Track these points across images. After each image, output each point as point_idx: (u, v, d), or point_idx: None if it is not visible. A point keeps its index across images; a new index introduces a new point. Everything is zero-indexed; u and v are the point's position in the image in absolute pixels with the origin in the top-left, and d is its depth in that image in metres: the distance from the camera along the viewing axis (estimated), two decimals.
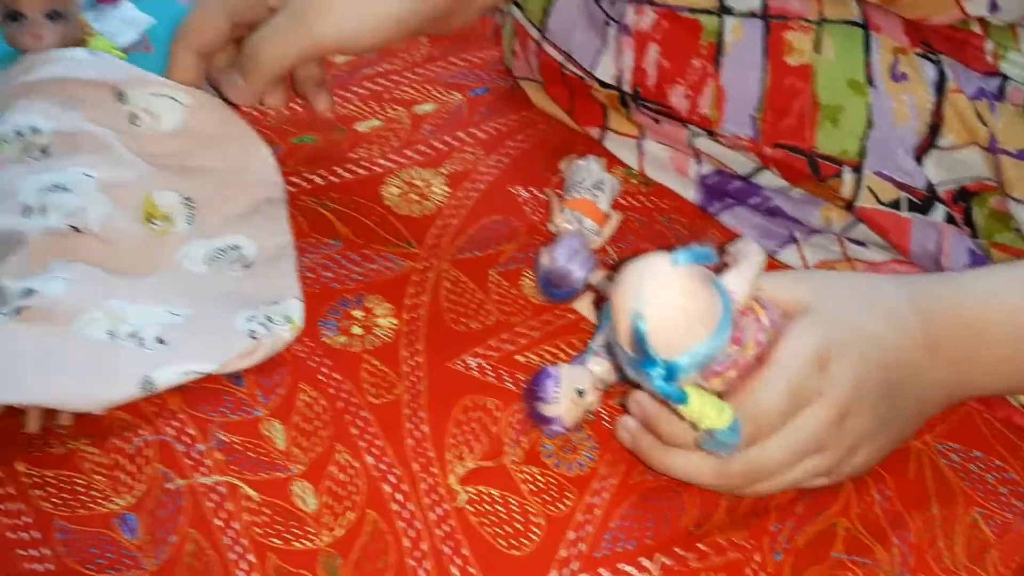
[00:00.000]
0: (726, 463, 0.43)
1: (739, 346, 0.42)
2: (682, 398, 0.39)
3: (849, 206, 0.54)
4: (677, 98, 0.53)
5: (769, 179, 0.56)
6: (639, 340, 0.37)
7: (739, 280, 0.41)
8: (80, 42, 0.53)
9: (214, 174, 0.53)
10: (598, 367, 0.47)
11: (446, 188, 0.58)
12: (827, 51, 0.51)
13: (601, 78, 0.55)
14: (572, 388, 0.46)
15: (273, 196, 0.54)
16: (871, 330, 0.45)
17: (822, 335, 0.43)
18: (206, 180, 0.53)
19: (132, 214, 0.50)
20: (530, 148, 0.61)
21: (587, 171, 0.55)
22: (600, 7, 0.55)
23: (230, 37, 0.52)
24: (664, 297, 0.37)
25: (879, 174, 0.52)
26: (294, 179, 0.57)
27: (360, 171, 0.58)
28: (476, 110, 0.62)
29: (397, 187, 0.58)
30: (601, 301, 0.50)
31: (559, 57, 0.57)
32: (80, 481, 0.44)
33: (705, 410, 0.40)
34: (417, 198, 0.57)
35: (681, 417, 0.41)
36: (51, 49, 0.52)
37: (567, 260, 0.51)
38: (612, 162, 0.60)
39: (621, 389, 0.47)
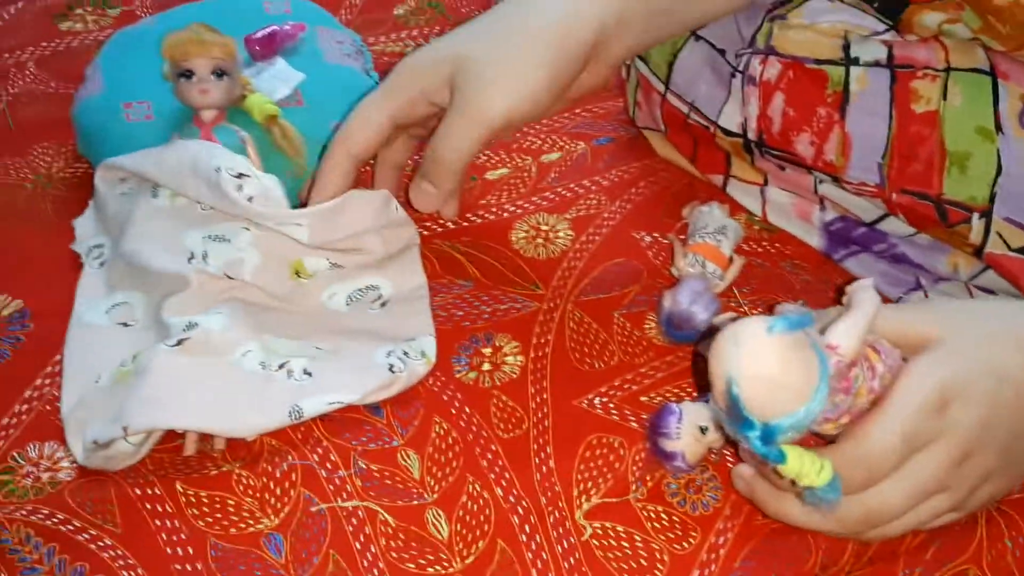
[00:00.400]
0: (844, 510, 0.42)
1: (848, 395, 0.41)
2: (780, 458, 0.39)
3: (978, 252, 0.53)
4: (803, 145, 0.54)
5: (894, 225, 0.56)
6: (734, 405, 0.37)
7: (848, 332, 0.41)
8: (241, 98, 0.57)
9: (355, 236, 0.56)
10: None
11: (570, 232, 0.60)
12: (954, 98, 0.51)
13: (725, 127, 0.56)
14: (694, 424, 0.47)
15: (408, 243, 0.57)
16: (998, 360, 0.43)
17: (942, 376, 0.42)
18: (349, 241, 0.55)
19: (282, 270, 0.53)
20: (652, 194, 0.62)
21: (710, 216, 0.57)
22: (725, 60, 0.56)
23: (392, 136, 0.54)
24: (756, 367, 0.36)
25: (1009, 220, 0.52)
26: (428, 223, 0.60)
27: (489, 216, 0.61)
28: (599, 158, 0.64)
29: (524, 231, 0.60)
30: None
31: (683, 107, 0.59)
32: (232, 502, 0.47)
33: (804, 469, 0.39)
34: (543, 242, 0.59)
35: (781, 476, 0.41)
36: (211, 111, 0.55)
37: (690, 303, 0.52)
38: (735, 208, 0.61)
39: None
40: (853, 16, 0.53)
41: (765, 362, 0.36)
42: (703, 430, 0.47)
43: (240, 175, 0.53)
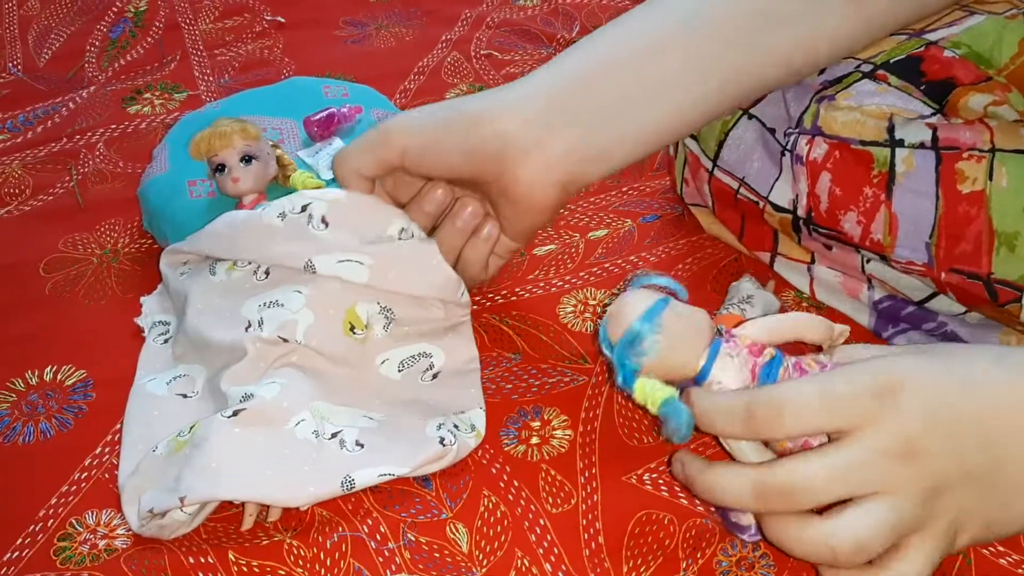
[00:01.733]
0: (762, 473, 0.39)
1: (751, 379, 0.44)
2: (628, 381, 0.44)
3: None
4: (850, 224, 0.54)
5: (944, 304, 0.56)
6: (601, 342, 0.45)
7: (755, 323, 0.46)
8: (284, 178, 0.59)
9: (408, 295, 0.57)
10: None
11: None
12: (1000, 179, 0.51)
13: (776, 202, 0.57)
14: None
15: (461, 315, 0.58)
16: (970, 370, 0.38)
17: (890, 366, 0.38)
18: (401, 298, 0.57)
19: (335, 326, 0.54)
20: (699, 270, 0.63)
21: (736, 289, 0.57)
22: (775, 139, 0.57)
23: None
24: (619, 300, 0.45)
25: None
26: (477, 297, 0.61)
27: (537, 291, 0.62)
28: (646, 235, 0.65)
29: (572, 306, 0.61)
30: None
31: (733, 184, 0.60)
32: (283, 572, 0.47)
33: (646, 389, 0.43)
34: (591, 316, 0.60)
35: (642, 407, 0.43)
36: (250, 195, 0.57)
37: None
38: (782, 285, 0.61)
39: None
40: (900, 99, 0.54)
41: (624, 298, 0.45)
42: None
43: (303, 208, 0.55)
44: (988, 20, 0.55)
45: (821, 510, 0.41)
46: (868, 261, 0.57)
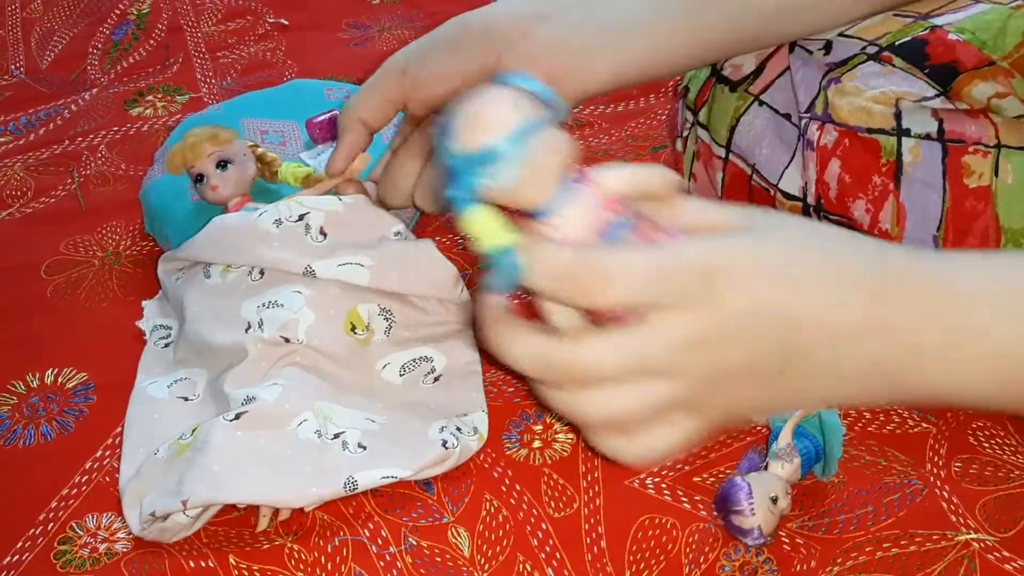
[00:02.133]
0: (550, 345, 0.35)
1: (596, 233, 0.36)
2: (464, 202, 0.35)
3: None
4: (859, 212, 0.54)
5: None
6: (444, 133, 0.35)
7: (615, 172, 0.37)
8: (272, 174, 0.59)
9: (408, 298, 0.57)
10: (782, 470, 0.48)
11: None
12: (1005, 175, 0.51)
13: (786, 190, 0.57)
14: (765, 496, 0.46)
15: (460, 320, 0.58)
16: (804, 279, 0.36)
17: (725, 254, 0.35)
18: (401, 301, 0.57)
19: (336, 325, 0.54)
20: None
21: None
22: (792, 123, 0.57)
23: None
24: (480, 98, 0.35)
25: None
26: None
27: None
28: None
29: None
30: None
31: (747, 168, 0.59)
32: None
33: (486, 228, 0.35)
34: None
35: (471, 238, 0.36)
36: (233, 199, 0.57)
37: None
38: None
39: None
40: (905, 81, 0.53)
41: (482, 98, 0.35)
42: (774, 500, 0.47)
43: (300, 216, 0.55)
44: (993, 9, 0.55)
45: None
46: None
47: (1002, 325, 0.37)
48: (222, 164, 0.57)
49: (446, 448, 0.50)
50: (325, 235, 0.55)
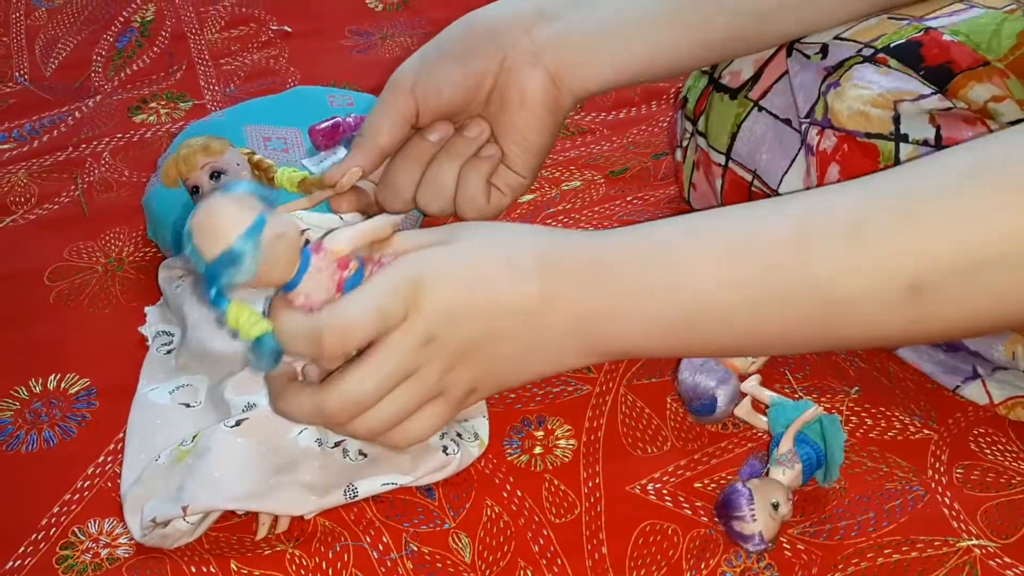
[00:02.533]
0: (320, 397, 0.44)
1: (317, 282, 0.44)
2: (219, 303, 0.42)
3: None
4: None
5: None
6: (192, 256, 0.42)
7: (342, 233, 0.46)
8: (269, 181, 0.58)
9: None
10: (784, 476, 0.48)
11: None
12: None
13: (786, 194, 0.57)
14: (766, 502, 0.47)
15: None
16: (483, 272, 0.45)
17: (419, 266, 0.45)
18: None
19: None
20: None
21: None
22: (793, 128, 0.57)
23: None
24: (200, 214, 0.42)
25: None
26: None
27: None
28: None
29: None
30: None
31: (746, 176, 0.60)
32: None
33: (243, 320, 0.43)
34: None
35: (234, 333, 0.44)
36: None
37: (693, 374, 0.52)
38: None
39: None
40: (900, 80, 0.54)
41: (205, 210, 0.42)
42: (775, 506, 0.47)
43: (300, 232, 0.54)
44: (987, 13, 0.55)
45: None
46: None
47: (656, 291, 0.45)
48: (215, 175, 0.57)
49: (447, 454, 0.50)
50: None
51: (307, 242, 0.45)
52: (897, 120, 0.53)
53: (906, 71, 0.54)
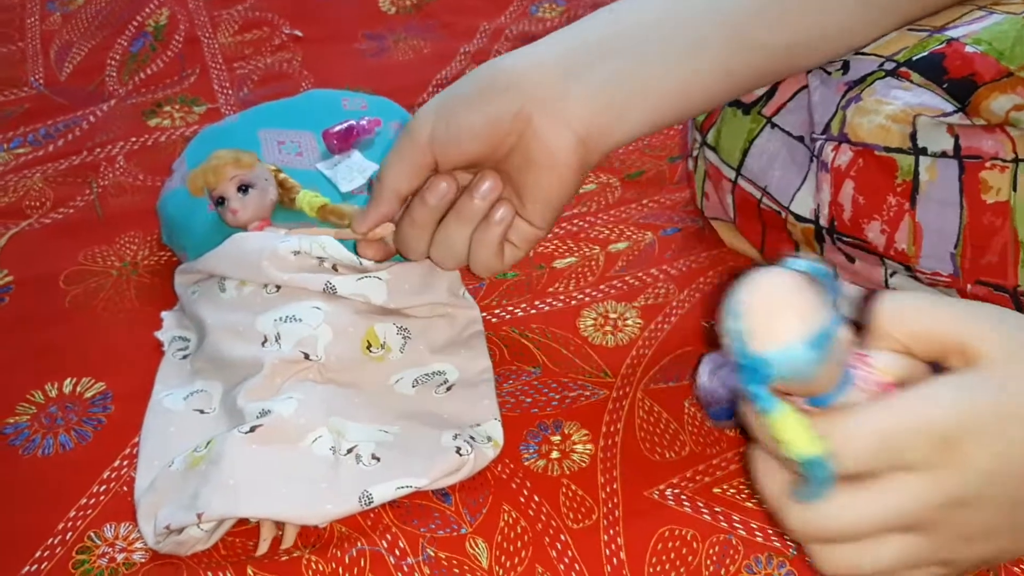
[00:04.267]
0: (818, 523, 0.36)
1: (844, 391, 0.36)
2: (767, 405, 0.35)
3: None
4: (873, 233, 0.54)
5: None
6: (733, 333, 0.34)
7: (895, 359, 0.37)
8: (291, 200, 0.59)
9: (426, 315, 0.57)
10: None
11: (639, 321, 0.60)
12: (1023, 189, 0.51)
13: (798, 212, 0.57)
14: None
15: (473, 328, 0.58)
16: None
17: (970, 403, 0.35)
18: (420, 320, 0.57)
19: (353, 344, 0.54)
20: (722, 283, 0.62)
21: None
22: (804, 145, 0.57)
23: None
24: (760, 293, 0.34)
25: None
26: (497, 310, 0.61)
27: (557, 304, 0.61)
28: (667, 248, 0.65)
29: (592, 319, 0.60)
30: None
31: (756, 193, 0.59)
32: None
33: (791, 431, 0.35)
34: (611, 329, 0.59)
35: (771, 440, 0.36)
36: (252, 223, 0.57)
37: (710, 375, 0.51)
38: None
39: None
40: (925, 95, 0.53)
41: (769, 289, 0.34)
42: None
43: (319, 260, 0.55)
44: (1008, 19, 0.54)
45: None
46: (892, 275, 0.56)
47: None
48: (243, 188, 0.57)
49: (460, 455, 0.50)
50: (337, 270, 0.55)
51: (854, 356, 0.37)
52: (914, 135, 0.52)
53: (929, 86, 0.53)
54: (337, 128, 0.65)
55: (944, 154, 0.52)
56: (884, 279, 0.57)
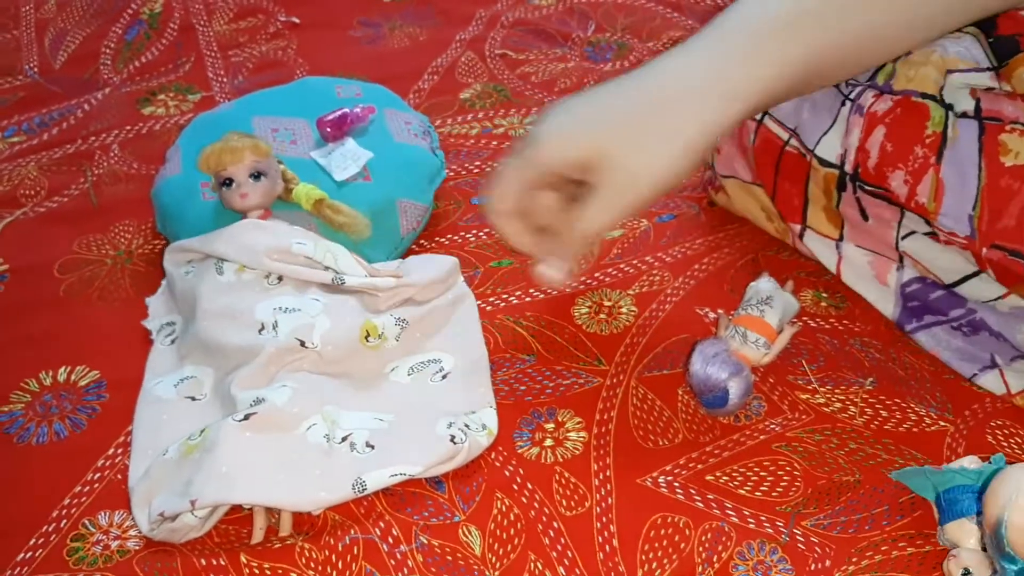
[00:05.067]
0: None
1: None
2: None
3: None
4: (897, 182, 0.53)
5: (975, 290, 0.54)
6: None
7: None
8: (287, 191, 0.59)
9: (422, 302, 0.57)
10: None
11: (634, 308, 0.60)
12: None
13: (822, 156, 0.56)
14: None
15: (468, 315, 0.58)
16: None
17: None
18: (415, 308, 0.57)
19: (351, 334, 0.54)
20: (716, 271, 0.62)
21: (755, 290, 0.56)
22: (837, 89, 0.56)
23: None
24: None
25: None
26: (492, 299, 0.61)
27: (552, 291, 0.61)
28: (662, 235, 0.65)
29: (587, 307, 0.60)
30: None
31: (783, 134, 0.59)
32: (295, 574, 0.47)
33: None
34: (606, 317, 0.59)
35: None
36: (256, 211, 0.57)
37: (704, 365, 0.52)
38: (801, 284, 0.60)
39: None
40: (967, 43, 0.53)
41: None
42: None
43: (337, 284, 0.56)
44: None
45: None
46: (904, 237, 0.56)
47: None
48: (256, 175, 0.57)
49: (454, 444, 0.50)
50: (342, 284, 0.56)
51: None
52: (942, 89, 0.52)
53: (977, 35, 0.53)
54: (331, 116, 0.65)
55: (965, 115, 0.52)
56: (895, 241, 0.56)
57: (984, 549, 0.45)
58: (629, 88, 0.52)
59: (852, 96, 0.55)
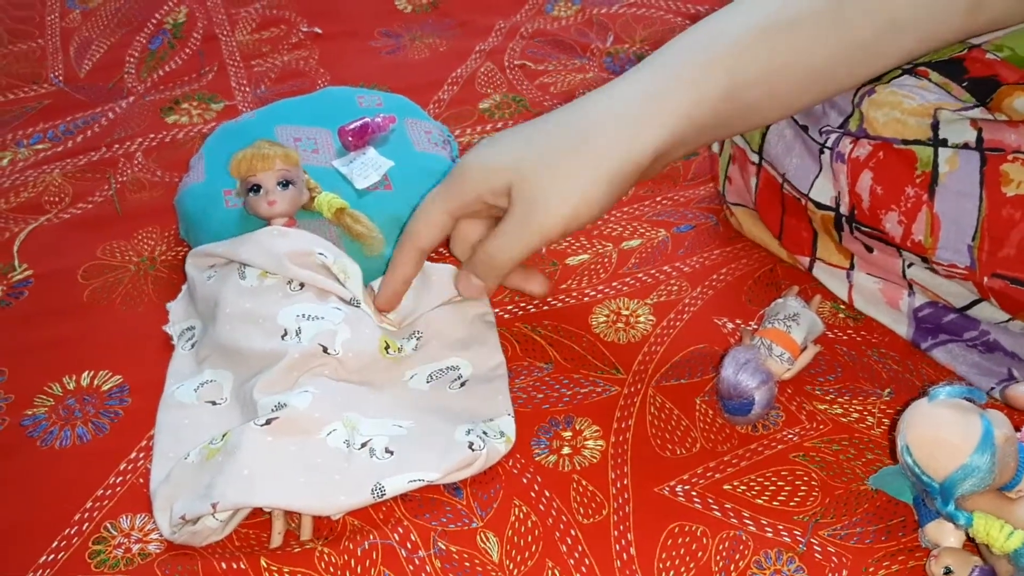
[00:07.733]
0: None
1: None
2: (966, 521, 0.42)
3: None
4: (891, 224, 0.54)
5: (987, 312, 0.55)
6: (911, 471, 0.42)
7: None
8: (310, 200, 0.59)
9: (437, 312, 0.58)
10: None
11: (651, 317, 0.60)
12: None
13: (817, 199, 0.57)
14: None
15: (486, 323, 0.58)
16: None
17: None
18: (431, 317, 0.58)
19: (370, 345, 0.55)
20: (734, 281, 0.62)
21: (783, 306, 0.56)
22: (810, 136, 0.57)
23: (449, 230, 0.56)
24: (918, 430, 0.42)
25: None
26: (510, 307, 0.61)
27: (570, 300, 0.62)
28: (680, 245, 0.65)
29: (605, 316, 0.60)
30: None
31: (777, 177, 0.59)
32: None
33: (991, 533, 0.42)
34: (623, 326, 0.60)
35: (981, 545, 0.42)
36: (281, 219, 0.58)
37: (736, 372, 0.52)
38: (821, 296, 0.60)
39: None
40: (940, 95, 0.53)
41: (924, 424, 0.42)
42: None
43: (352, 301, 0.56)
44: None
45: None
46: (910, 265, 0.56)
47: None
48: (284, 183, 0.58)
49: (473, 450, 0.50)
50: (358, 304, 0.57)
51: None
52: (936, 127, 0.52)
53: (947, 84, 0.53)
54: (352, 125, 0.65)
55: (967, 145, 0.52)
56: (902, 270, 0.56)
57: (967, 545, 0.45)
58: (554, 119, 0.53)
59: (829, 144, 0.55)
